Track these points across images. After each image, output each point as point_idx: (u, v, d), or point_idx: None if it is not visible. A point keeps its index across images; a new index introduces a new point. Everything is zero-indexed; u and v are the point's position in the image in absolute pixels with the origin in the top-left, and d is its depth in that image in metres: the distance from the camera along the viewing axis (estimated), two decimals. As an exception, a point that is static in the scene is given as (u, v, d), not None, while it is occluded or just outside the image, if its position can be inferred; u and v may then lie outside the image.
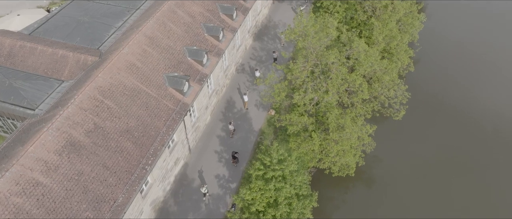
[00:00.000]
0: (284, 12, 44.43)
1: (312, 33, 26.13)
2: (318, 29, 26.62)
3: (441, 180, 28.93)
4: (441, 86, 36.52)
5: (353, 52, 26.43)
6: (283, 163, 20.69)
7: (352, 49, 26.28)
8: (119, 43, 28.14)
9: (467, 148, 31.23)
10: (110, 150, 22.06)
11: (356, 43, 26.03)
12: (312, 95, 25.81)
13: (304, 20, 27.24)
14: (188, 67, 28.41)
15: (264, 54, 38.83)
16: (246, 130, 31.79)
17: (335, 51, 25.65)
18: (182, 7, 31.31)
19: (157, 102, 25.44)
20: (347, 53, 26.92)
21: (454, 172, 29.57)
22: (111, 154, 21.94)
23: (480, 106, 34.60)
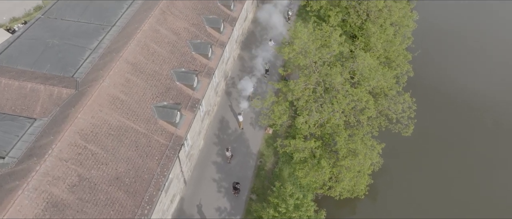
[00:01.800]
0: (270, 15, 41.81)
1: (313, 50, 23.89)
2: (319, 45, 24.40)
3: (452, 189, 27.81)
4: (441, 85, 35.27)
5: (357, 67, 24.42)
6: (301, 209, 18.58)
7: (357, 63, 24.27)
8: (98, 71, 24.87)
9: (477, 149, 30.21)
10: (100, 204, 19.21)
11: (361, 58, 24.02)
12: (317, 117, 23.73)
13: (304, 36, 24.91)
14: (177, 94, 25.59)
15: (254, 65, 36.29)
16: (244, 153, 29.46)
17: (338, 68, 23.55)
18: (165, 24, 28.22)
19: (148, 139, 22.62)
20: (350, 67, 24.89)
21: (462, 176, 28.48)
22: (101, 209, 19.11)
23: (481, 100, 33.69)
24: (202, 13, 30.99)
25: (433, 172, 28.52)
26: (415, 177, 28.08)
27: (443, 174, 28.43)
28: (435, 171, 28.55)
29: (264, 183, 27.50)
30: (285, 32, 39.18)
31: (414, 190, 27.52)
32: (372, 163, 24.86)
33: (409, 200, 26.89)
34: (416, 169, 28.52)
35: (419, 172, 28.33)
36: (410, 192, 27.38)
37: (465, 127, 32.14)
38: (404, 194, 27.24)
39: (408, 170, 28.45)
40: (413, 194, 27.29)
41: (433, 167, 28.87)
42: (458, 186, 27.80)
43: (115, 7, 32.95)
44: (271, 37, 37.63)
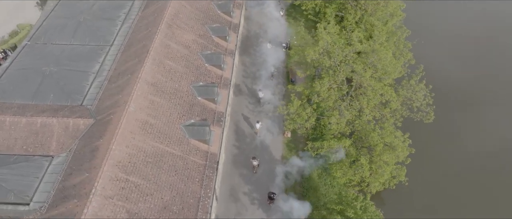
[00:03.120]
0: (260, 17, 41.40)
1: (337, 49, 23.91)
2: (342, 44, 24.47)
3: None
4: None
5: (379, 62, 24.77)
6: (368, 210, 18.50)
7: (379, 59, 24.63)
8: (115, 96, 23.30)
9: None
10: (154, 238, 18.03)
11: (383, 53, 24.39)
12: (349, 116, 23.83)
13: (328, 37, 24.83)
14: (202, 110, 24.60)
15: (256, 70, 35.77)
16: (267, 160, 28.93)
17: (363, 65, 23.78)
18: (174, 38, 27.00)
19: (184, 161, 21.55)
20: (371, 63, 25.21)
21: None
22: (156, 243, 17.95)
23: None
24: (205, 22, 30.02)
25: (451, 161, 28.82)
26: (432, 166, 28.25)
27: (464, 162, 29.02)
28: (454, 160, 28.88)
29: (296, 188, 27.23)
30: (282, 34, 39.06)
31: (434, 178, 27.87)
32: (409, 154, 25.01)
33: (432, 187, 27.24)
34: (432, 159, 28.67)
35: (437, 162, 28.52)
36: (430, 180, 27.70)
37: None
38: (426, 182, 27.52)
39: (426, 159, 28.61)
40: (433, 182, 27.75)
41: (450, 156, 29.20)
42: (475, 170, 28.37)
43: (107, 25, 31.10)
44: (269, 40, 37.28)
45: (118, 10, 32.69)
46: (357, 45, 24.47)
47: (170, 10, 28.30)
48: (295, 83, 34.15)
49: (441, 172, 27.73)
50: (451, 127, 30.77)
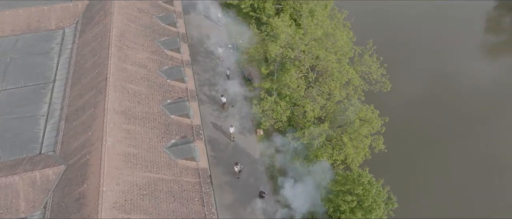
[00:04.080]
0: (199, 23, 40.72)
1: (298, 40, 24.59)
2: (301, 34, 25.18)
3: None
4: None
5: (337, 44, 26.05)
6: (375, 185, 19.35)
7: (335, 41, 25.87)
8: (84, 134, 21.20)
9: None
10: None
11: (339, 35, 25.67)
12: (323, 101, 24.79)
13: (289, 29, 25.31)
14: (178, 127, 23.59)
15: (210, 76, 35.26)
16: (248, 162, 28.90)
17: (323, 50, 24.86)
18: (128, 60, 25.33)
19: (178, 184, 20.55)
20: (329, 46, 26.40)
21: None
22: None
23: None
24: (154, 38, 28.65)
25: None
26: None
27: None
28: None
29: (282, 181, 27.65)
30: (224, 35, 38.93)
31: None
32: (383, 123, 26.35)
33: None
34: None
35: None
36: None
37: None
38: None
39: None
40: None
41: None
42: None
43: (42, 60, 28.07)
44: (219, 44, 36.92)
45: (48, 42, 29.59)
46: (315, 31, 25.46)
47: (114, 31, 26.44)
48: (252, 81, 34.44)
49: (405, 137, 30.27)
50: (406, 94, 33.68)
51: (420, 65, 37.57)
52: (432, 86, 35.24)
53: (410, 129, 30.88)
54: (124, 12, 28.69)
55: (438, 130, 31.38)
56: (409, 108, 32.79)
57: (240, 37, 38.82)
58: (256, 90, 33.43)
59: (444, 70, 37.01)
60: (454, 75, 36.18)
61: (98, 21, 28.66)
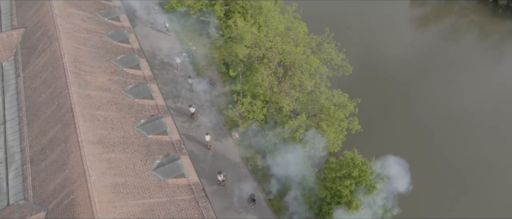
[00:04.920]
0: (145, 34, 39.06)
1: (264, 38, 24.70)
2: (266, 31, 25.30)
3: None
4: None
5: (298, 36, 26.60)
6: (367, 164, 20.07)
7: (297, 33, 26.40)
8: (60, 174, 19.37)
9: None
10: None
11: (299, 27, 26.19)
12: (297, 94, 25.26)
13: (253, 28, 25.19)
14: (159, 146, 22.55)
15: (172, 87, 34.12)
16: (229, 168, 28.57)
17: (288, 44, 25.31)
18: (89, 86, 23.58)
19: (175, 204, 19.71)
20: (292, 39, 26.91)
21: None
22: None
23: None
24: (109, 58, 26.97)
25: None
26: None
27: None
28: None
29: (268, 178, 27.82)
30: (176, 44, 37.95)
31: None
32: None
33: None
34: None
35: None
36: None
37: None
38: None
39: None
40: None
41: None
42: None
43: (-16, 101, 25.06)
44: (175, 54, 35.84)
45: (-14, 80, 26.49)
46: (279, 27, 25.77)
47: (66, 57, 24.44)
48: (215, 86, 34.03)
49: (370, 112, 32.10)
50: (366, 74, 35.64)
51: (362, 43, 39.92)
52: (373, 61, 37.58)
53: (370, 103, 32.54)
54: (72, 36, 26.63)
55: (394, 98, 33.92)
56: (365, 86, 34.69)
57: (193, 44, 38.08)
58: (223, 94, 33.11)
59: (380, 45, 39.61)
60: (390, 48, 39.06)
61: (43, 49, 26.25)
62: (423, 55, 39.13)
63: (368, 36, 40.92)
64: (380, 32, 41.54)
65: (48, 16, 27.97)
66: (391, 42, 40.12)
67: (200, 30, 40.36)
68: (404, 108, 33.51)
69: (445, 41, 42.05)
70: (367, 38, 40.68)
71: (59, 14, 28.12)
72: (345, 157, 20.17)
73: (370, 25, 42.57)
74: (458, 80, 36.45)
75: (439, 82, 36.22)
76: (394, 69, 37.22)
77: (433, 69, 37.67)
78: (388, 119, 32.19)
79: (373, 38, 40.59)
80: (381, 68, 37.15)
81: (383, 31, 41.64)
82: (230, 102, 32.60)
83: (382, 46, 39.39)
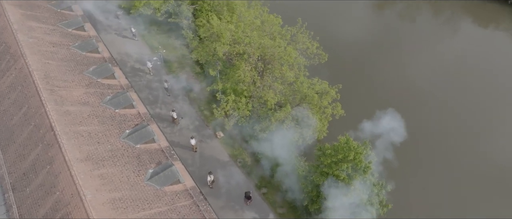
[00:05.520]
0: (111, 41, 37.55)
1: (241, 34, 24.55)
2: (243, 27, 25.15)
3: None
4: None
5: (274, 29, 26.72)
6: (362, 146, 20.58)
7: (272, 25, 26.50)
8: (50, 197, 18.29)
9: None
10: None
11: (275, 20, 26.28)
12: (281, 86, 25.46)
13: (231, 26, 24.88)
14: (149, 155, 21.88)
15: (148, 93, 33.18)
16: (219, 168, 28.34)
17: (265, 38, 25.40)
18: (66, 101, 22.38)
19: (176, 212, 19.30)
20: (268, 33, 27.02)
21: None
22: None
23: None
24: (81, 70, 25.72)
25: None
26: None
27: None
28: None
29: (259, 172, 27.95)
30: (144, 50, 36.96)
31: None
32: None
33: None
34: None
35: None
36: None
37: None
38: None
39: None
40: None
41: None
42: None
43: None
44: (156, 55, 34.84)
45: None
46: (255, 21, 25.73)
47: (36, 74, 23.02)
48: (193, 87, 33.52)
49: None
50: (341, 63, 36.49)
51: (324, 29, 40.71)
52: (340, 46, 38.60)
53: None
54: (37, 51, 25.08)
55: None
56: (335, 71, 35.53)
57: (163, 47, 37.15)
58: (202, 94, 32.68)
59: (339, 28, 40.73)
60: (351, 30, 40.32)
61: (6, 68, 24.51)
62: (383, 36, 40.90)
63: (332, 23, 41.91)
64: (342, 18, 42.80)
65: (7, 32, 26.14)
66: (355, 26, 41.39)
67: (168, 32, 39.47)
68: (369, 88, 34.52)
69: (402, 21, 44.40)
70: (330, 25, 41.58)
71: (19, 29, 26.36)
72: (339, 141, 20.66)
73: (332, 13, 43.70)
74: (416, 55, 38.20)
75: (400, 59, 37.85)
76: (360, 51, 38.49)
77: (392, 48, 39.29)
78: (357, 100, 32.82)
79: (336, 25, 41.61)
80: (349, 52, 38.22)
81: (345, 17, 42.94)
82: (209, 102, 32.31)
83: (346, 31, 40.48)
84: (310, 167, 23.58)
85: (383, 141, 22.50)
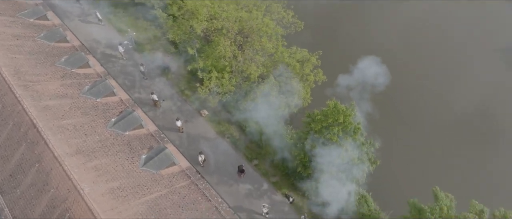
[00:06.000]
0: (76, 28, 35.53)
1: (217, 8, 23.99)
2: (218, 2, 24.54)
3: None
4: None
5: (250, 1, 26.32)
6: (350, 107, 21.14)
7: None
8: (45, 195, 17.76)
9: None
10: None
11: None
12: (262, 59, 25.40)
13: (206, 1, 24.12)
14: (140, 141, 21.59)
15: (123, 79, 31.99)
16: (208, 145, 28.36)
17: (242, 11, 25.02)
18: (43, 96, 21.35)
19: (176, 193, 19.40)
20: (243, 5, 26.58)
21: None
22: None
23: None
24: (52, 61, 24.43)
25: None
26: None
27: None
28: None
29: (249, 145, 28.28)
30: (113, 35, 35.36)
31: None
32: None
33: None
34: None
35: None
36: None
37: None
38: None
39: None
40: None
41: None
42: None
43: None
44: (119, 42, 33.35)
45: None
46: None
47: (5, 70, 21.67)
48: (169, 68, 32.75)
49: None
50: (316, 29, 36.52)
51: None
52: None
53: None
54: (1, 45, 23.46)
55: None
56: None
57: (133, 30, 35.72)
58: (180, 74, 32.05)
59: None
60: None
61: (-30, 67, 22.83)
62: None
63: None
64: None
65: (-38, 28, 24.20)
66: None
67: (136, 13, 37.81)
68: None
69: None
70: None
71: (-24, 23, 24.45)
72: (328, 106, 21.15)
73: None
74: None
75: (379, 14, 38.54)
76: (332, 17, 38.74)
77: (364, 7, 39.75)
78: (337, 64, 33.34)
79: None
80: (322, 19, 38.42)
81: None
82: (189, 82, 31.81)
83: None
84: (299, 134, 24.11)
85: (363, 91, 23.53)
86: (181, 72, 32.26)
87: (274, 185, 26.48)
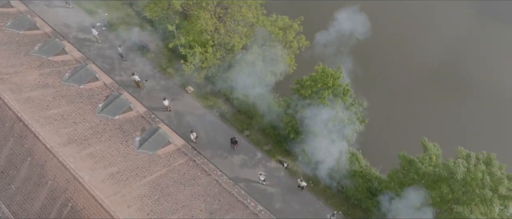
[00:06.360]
0: (43, 14, 33.55)
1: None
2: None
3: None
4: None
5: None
6: (338, 71, 21.40)
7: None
8: (43, 187, 17.48)
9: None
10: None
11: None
12: (244, 29, 25.08)
13: None
14: (131, 124, 21.31)
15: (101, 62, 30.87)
16: (197, 121, 28.29)
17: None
18: (23, 88, 20.50)
19: (176, 172, 19.51)
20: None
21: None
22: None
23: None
24: (26, 51, 23.26)
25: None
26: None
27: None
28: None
29: (238, 117, 28.45)
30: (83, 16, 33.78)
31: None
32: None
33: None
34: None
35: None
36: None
37: None
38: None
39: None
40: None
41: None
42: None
43: None
44: (92, 25, 31.86)
45: None
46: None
47: (-23, 65, 20.51)
48: (148, 47, 31.87)
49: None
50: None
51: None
52: None
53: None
54: (-33, 39, 22.07)
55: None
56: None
57: (104, 11, 34.20)
58: (160, 52, 31.31)
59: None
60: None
61: None
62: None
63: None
64: None
65: None
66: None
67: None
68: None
69: None
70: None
71: None
72: (316, 71, 21.37)
73: None
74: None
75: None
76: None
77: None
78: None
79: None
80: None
81: None
82: (170, 60, 31.17)
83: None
84: (288, 101, 24.41)
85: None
86: (161, 50, 31.50)
87: (268, 153, 26.99)
